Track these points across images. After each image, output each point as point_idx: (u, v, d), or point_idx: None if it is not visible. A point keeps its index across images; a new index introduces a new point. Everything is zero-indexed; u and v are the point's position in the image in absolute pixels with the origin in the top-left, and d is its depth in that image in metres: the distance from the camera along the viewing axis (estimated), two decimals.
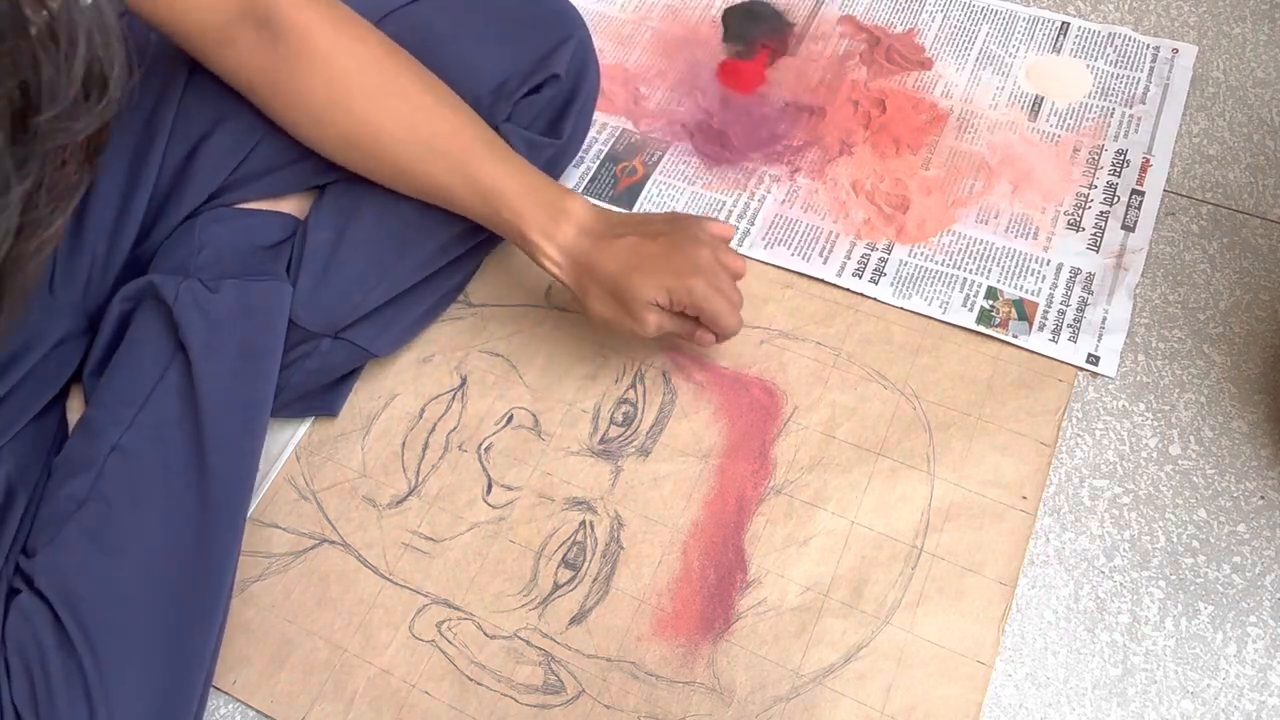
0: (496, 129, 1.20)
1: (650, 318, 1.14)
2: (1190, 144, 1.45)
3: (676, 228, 1.15)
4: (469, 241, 1.27)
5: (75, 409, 1.16)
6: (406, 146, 1.12)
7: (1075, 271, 1.33)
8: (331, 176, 1.19)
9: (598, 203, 1.40)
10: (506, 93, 1.22)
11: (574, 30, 1.29)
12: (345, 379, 1.30)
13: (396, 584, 1.17)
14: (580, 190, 1.47)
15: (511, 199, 1.13)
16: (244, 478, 1.09)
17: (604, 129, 1.54)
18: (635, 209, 1.44)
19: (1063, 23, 1.59)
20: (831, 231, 1.39)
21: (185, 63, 1.15)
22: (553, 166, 1.33)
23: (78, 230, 1.15)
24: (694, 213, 1.43)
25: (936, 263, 1.35)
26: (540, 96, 1.25)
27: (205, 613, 1.03)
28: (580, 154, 1.49)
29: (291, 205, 1.22)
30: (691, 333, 1.17)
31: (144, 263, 1.18)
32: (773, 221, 1.41)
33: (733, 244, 1.38)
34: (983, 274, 1.34)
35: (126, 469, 1.04)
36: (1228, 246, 1.34)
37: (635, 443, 1.23)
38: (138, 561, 1.01)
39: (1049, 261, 1.34)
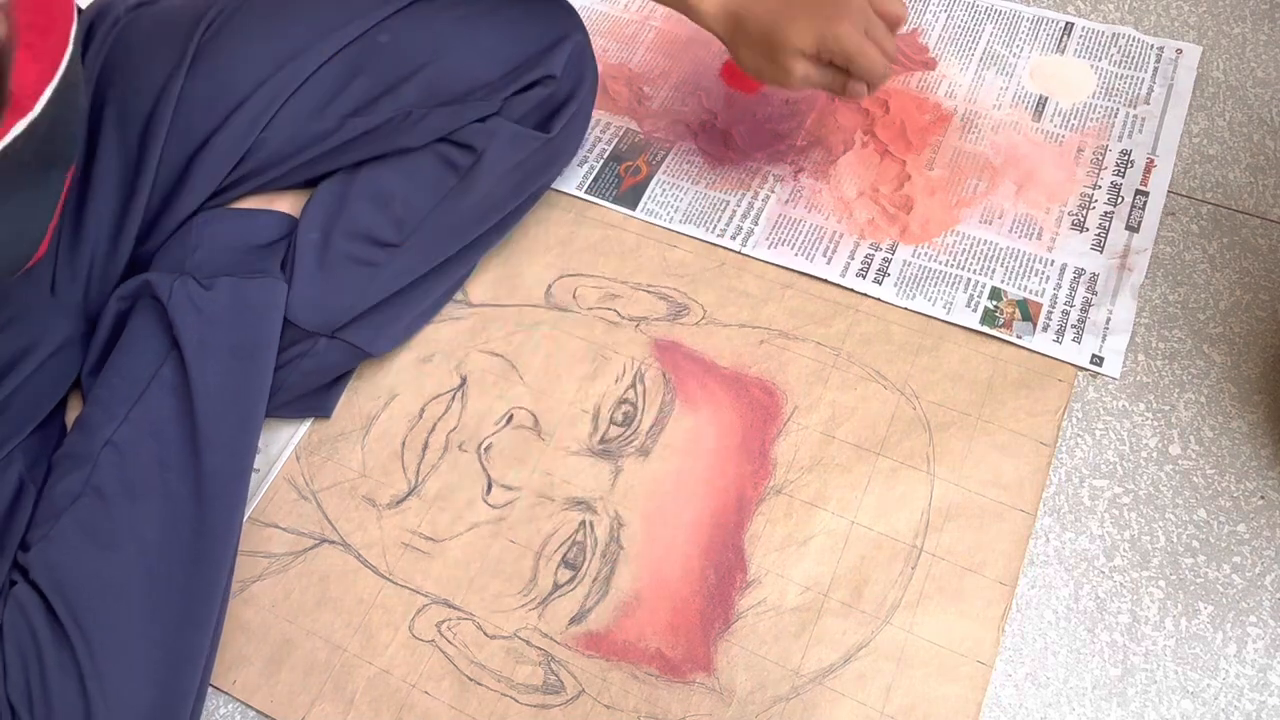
0: (486, 121, 1.21)
1: (797, 66, 1.18)
2: (1190, 144, 1.44)
3: None
4: (464, 239, 1.27)
5: (75, 407, 1.17)
6: None
7: (1079, 272, 1.33)
8: (327, 171, 1.19)
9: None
10: (497, 88, 1.22)
11: (571, 31, 1.29)
12: (339, 380, 1.30)
13: (396, 584, 1.17)
14: (583, 190, 1.47)
15: None
16: (239, 475, 1.09)
17: (607, 128, 1.54)
18: (639, 209, 1.44)
19: (1067, 23, 1.59)
20: (835, 231, 1.39)
21: (182, 66, 1.15)
22: (543, 166, 1.34)
23: (78, 232, 1.15)
24: (698, 214, 1.42)
25: (940, 263, 1.35)
26: (533, 93, 1.25)
27: (202, 608, 1.04)
28: (584, 153, 1.49)
29: (286, 204, 1.22)
30: (842, 85, 1.21)
31: (144, 264, 1.19)
32: (776, 221, 1.41)
33: (735, 244, 1.39)
34: (987, 274, 1.34)
35: (120, 464, 1.04)
36: (1228, 246, 1.34)
37: (635, 443, 1.23)
38: (132, 555, 1.01)
39: (1053, 262, 1.34)
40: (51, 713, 0.94)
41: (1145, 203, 1.38)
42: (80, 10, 1.15)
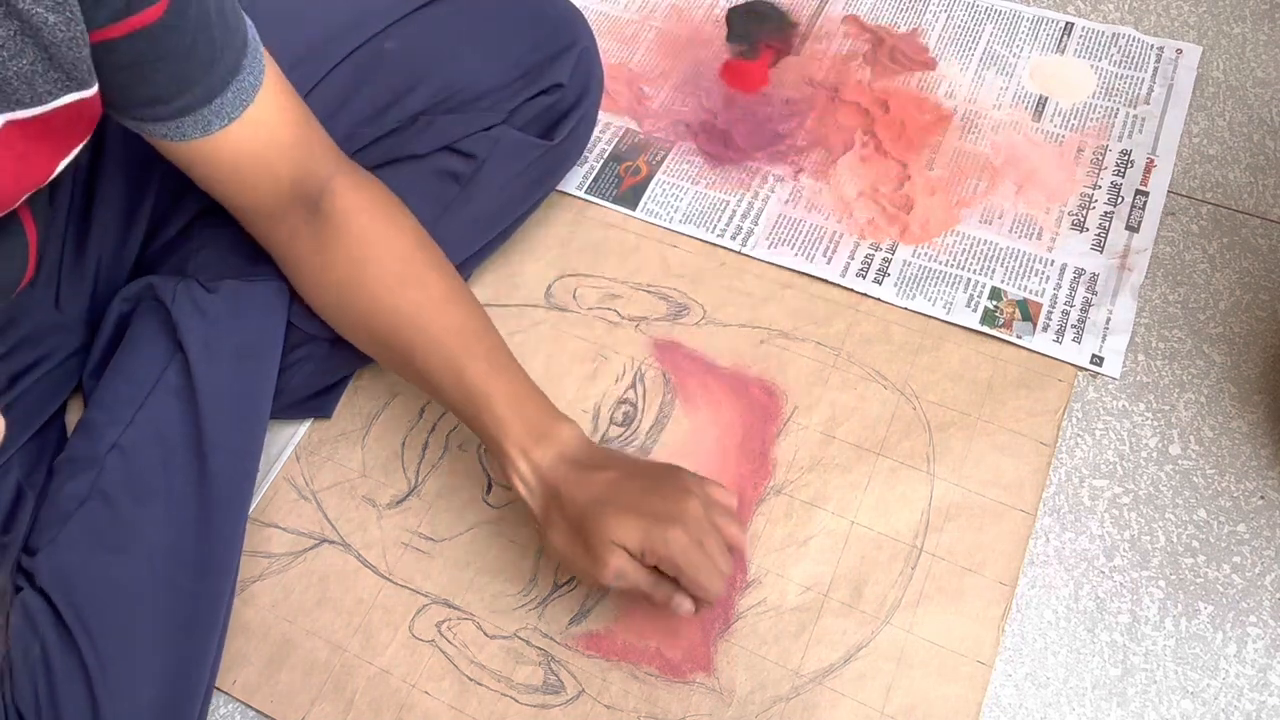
0: (490, 130, 1.21)
1: (613, 560, 0.99)
2: (1190, 144, 1.44)
3: (668, 474, 1.05)
4: (469, 248, 1.27)
5: (75, 411, 1.17)
6: (409, 334, 1.08)
7: (1079, 272, 1.33)
8: None
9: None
10: (504, 96, 1.22)
11: (578, 38, 1.28)
12: (340, 381, 1.30)
13: (396, 584, 1.17)
14: (583, 190, 1.47)
15: (496, 405, 1.05)
16: (244, 477, 1.09)
17: (608, 128, 1.54)
18: (639, 209, 1.44)
19: (1067, 23, 1.59)
20: (835, 231, 1.39)
21: None
22: (547, 173, 1.33)
23: (82, 245, 1.15)
24: (698, 214, 1.43)
25: (940, 263, 1.35)
26: (540, 101, 1.25)
27: (208, 611, 1.03)
28: (584, 154, 1.49)
29: None
30: (666, 596, 1.01)
31: (147, 268, 1.19)
32: (776, 221, 1.41)
33: (735, 244, 1.39)
34: (987, 274, 1.34)
35: (126, 467, 1.04)
36: (1228, 246, 1.34)
37: (635, 443, 1.23)
38: (139, 559, 1.01)
39: (1053, 262, 1.34)
40: (59, 717, 0.94)
41: (1145, 203, 1.38)
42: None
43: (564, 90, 1.26)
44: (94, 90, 0.86)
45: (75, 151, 0.91)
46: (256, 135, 1.00)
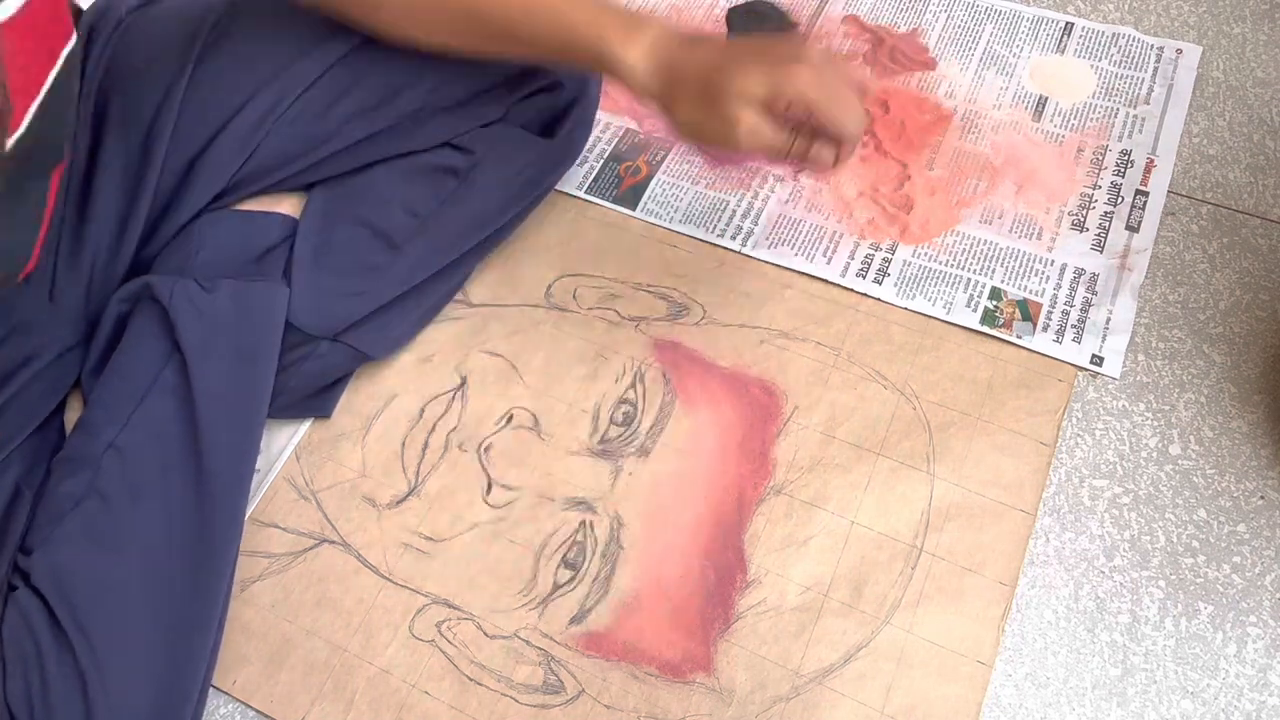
0: (488, 127, 1.21)
1: (745, 116, 0.98)
2: (1190, 144, 1.44)
3: (779, 36, 1.08)
4: (466, 244, 1.27)
5: (75, 409, 1.17)
6: None
7: (1079, 272, 1.33)
8: (329, 174, 1.19)
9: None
10: (502, 94, 1.22)
11: None
12: (339, 381, 1.30)
13: (396, 584, 1.17)
14: (583, 190, 1.47)
15: (584, 16, 1.04)
16: (241, 478, 1.09)
17: (608, 128, 1.54)
18: (639, 209, 1.44)
19: (1067, 23, 1.59)
20: (835, 231, 1.39)
21: (184, 70, 1.15)
22: (545, 171, 1.34)
23: (79, 238, 1.15)
24: (698, 214, 1.43)
25: (940, 263, 1.35)
26: (538, 99, 1.25)
27: (204, 611, 1.03)
28: (584, 153, 1.49)
29: (289, 206, 1.22)
30: (804, 148, 1.01)
31: (146, 267, 1.19)
32: (776, 221, 1.41)
33: (735, 244, 1.39)
34: (987, 274, 1.34)
35: (123, 467, 1.04)
36: (1228, 246, 1.34)
37: (635, 443, 1.23)
38: (135, 559, 1.01)
39: (1053, 262, 1.34)
40: (52, 717, 0.94)
41: (1145, 203, 1.38)
42: (81, 11, 1.15)
43: (562, 88, 1.27)
44: None
45: (46, 86, 0.91)
46: None
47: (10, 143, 0.88)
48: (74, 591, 0.98)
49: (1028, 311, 1.30)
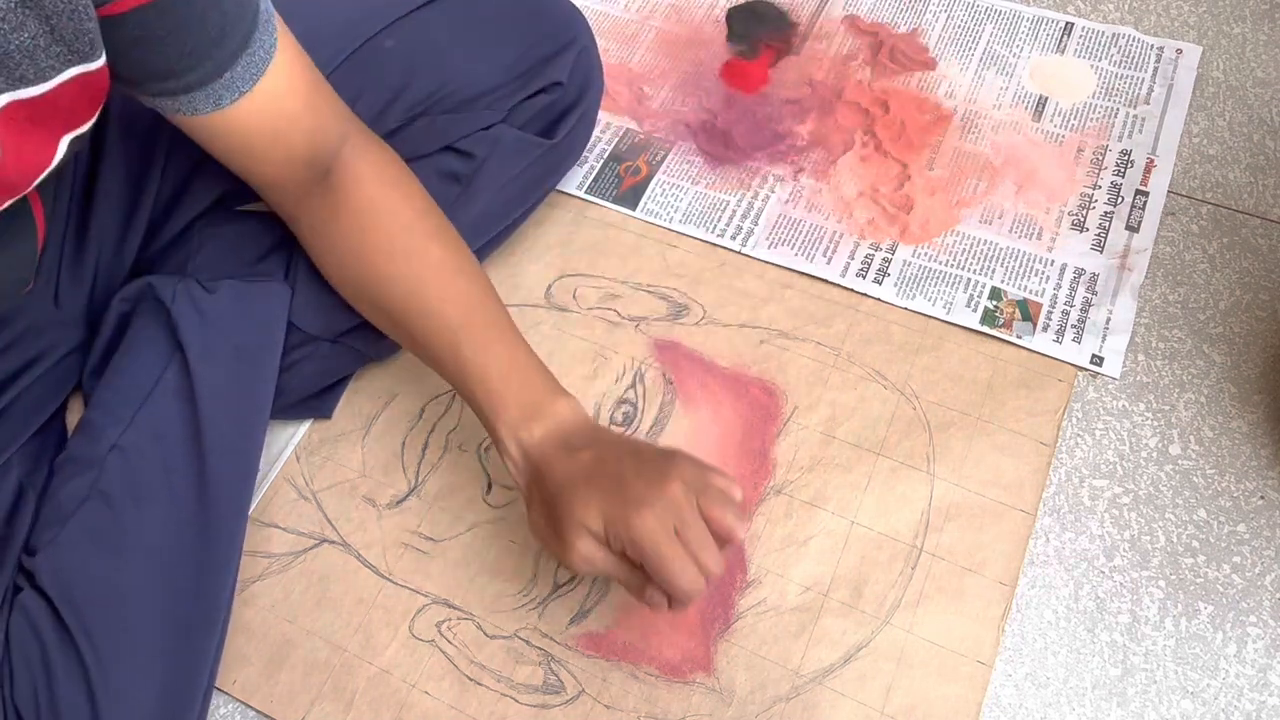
0: (490, 129, 1.20)
1: (579, 545, 0.94)
2: (1190, 144, 1.45)
3: (658, 457, 0.98)
4: (469, 247, 1.27)
5: (76, 410, 1.17)
6: (408, 304, 1.07)
7: (1079, 272, 1.33)
8: None
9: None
10: (503, 95, 1.22)
11: (577, 36, 1.28)
12: (340, 381, 1.30)
13: (396, 584, 1.17)
14: (583, 190, 1.47)
15: (491, 380, 1.03)
16: (244, 478, 1.09)
17: (608, 128, 1.54)
18: (638, 209, 1.44)
19: (1067, 23, 1.59)
20: (835, 231, 1.39)
21: None
22: (547, 172, 1.33)
23: (82, 243, 1.15)
24: (698, 214, 1.43)
25: (940, 263, 1.35)
26: (539, 99, 1.25)
27: (208, 611, 1.03)
28: (584, 153, 1.49)
29: None
30: (637, 588, 0.96)
31: (147, 268, 1.19)
32: (776, 221, 1.41)
33: (735, 244, 1.39)
34: (987, 274, 1.34)
35: (126, 468, 1.04)
36: (1228, 246, 1.34)
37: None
38: (139, 560, 1.01)
39: (1053, 262, 1.34)
40: (58, 718, 0.94)
41: (1145, 203, 1.38)
42: None
43: (563, 89, 1.26)
44: (101, 63, 0.85)
45: (81, 129, 0.91)
46: (267, 108, 1.00)
47: (9, 204, 0.89)
48: (78, 593, 0.98)
49: (1028, 311, 1.30)
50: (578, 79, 1.29)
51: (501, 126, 1.22)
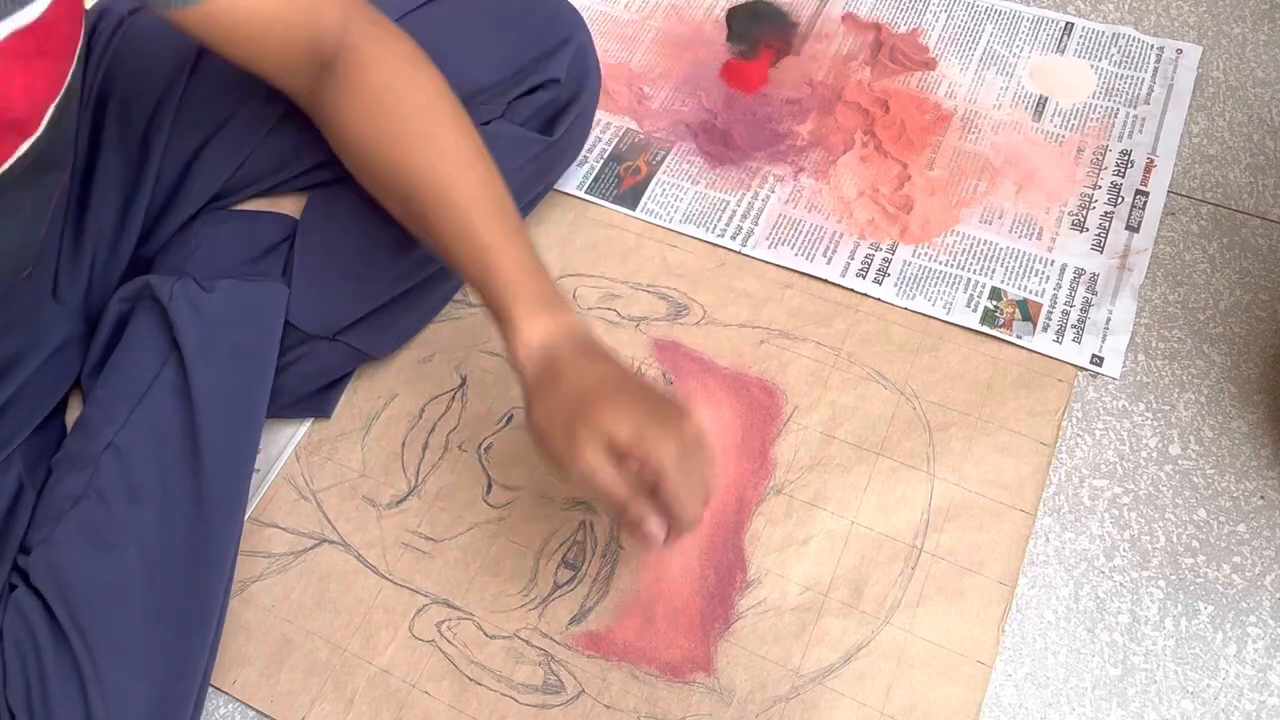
0: (488, 124, 1.20)
1: (590, 453, 0.91)
2: (1190, 144, 1.44)
3: (670, 396, 1.00)
4: None
5: (75, 408, 1.17)
6: (424, 191, 1.05)
7: (1079, 272, 1.33)
8: (328, 176, 1.19)
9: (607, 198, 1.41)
10: (499, 92, 1.22)
11: (573, 33, 1.28)
12: (339, 381, 1.30)
13: (396, 584, 1.17)
14: (583, 190, 1.47)
15: (507, 268, 1.01)
16: (240, 477, 1.09)
17: (608, 128, 1.54)
18: (639, 208, 1.44)
19: (1067, 23, 1.59)
20: (835, 231, 1.39)
21: (182, 70, 1.15)
22: (545, 169, 1.33)
23: (79, 234, 1.15)
24: (698, 214, 1.43)
25: (940, 263, 1.35)
26: (537, 96, 1.25)
27: (202, 610, 1.03)
28: (584, 153, 1.49)
29: (289, 205, 1.22)
30: (638, 514, 0.93)
31: (146, 266, 1.19)
32: (776, 221, 1.41)
33: (735, 244, 1.39)
34: (987, 274, 1.34)
35: (121, 466, 1.04)
36: (1228, 246, 1.34)
37: None
38: (133, 558, 1.01)
39: (1053, 262, 1.34)
40: (51, 717, 0.94)
41: (1145, 203, 1.38)
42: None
43: (560, 86, 1.26)
44: None
45: (64, 88, 0.91)
46: None
47: (25, 147, 0.89)
48: (72, 591, 0.98)
49: (1028, 311, 1.30)
50: (575, 75, 1.29)
51: (500, 122, 1.22)
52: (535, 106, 1.25)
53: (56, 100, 0.90)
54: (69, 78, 0.91)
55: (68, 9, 0.87)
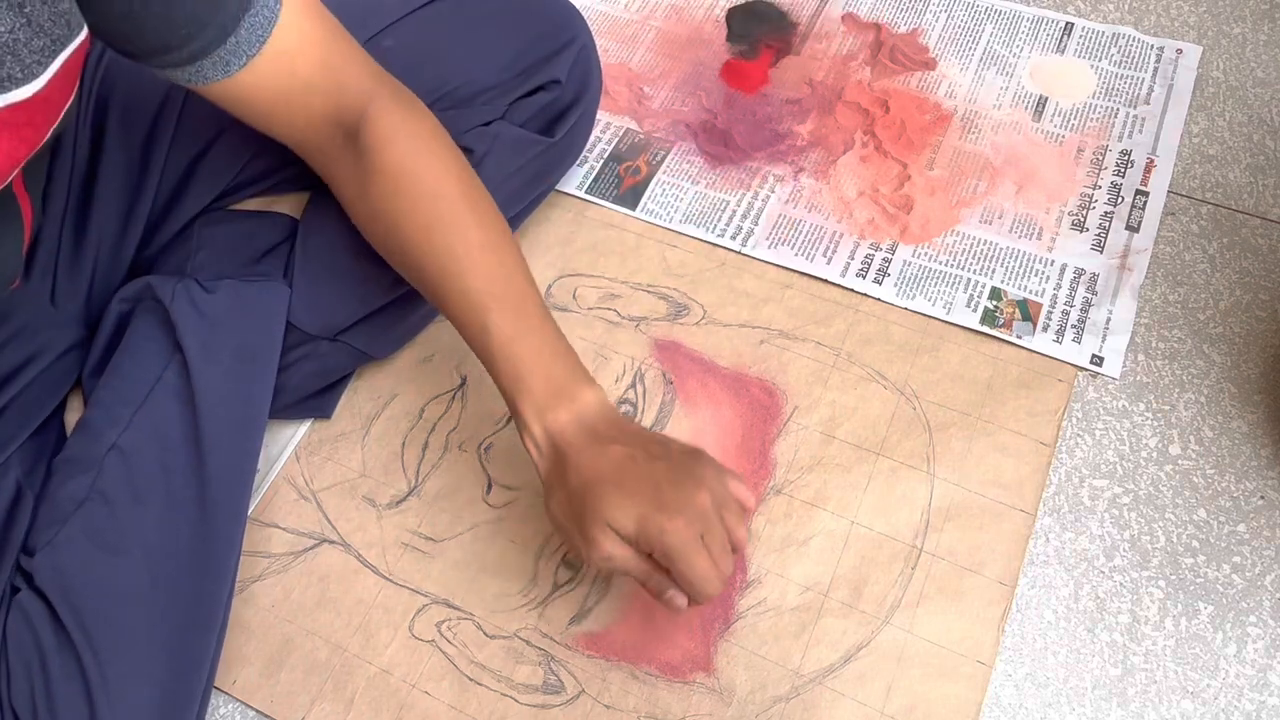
0: (489, 125, 1.20)
1: (604, 543, 0.94)
2: (1190, 144, 1.44)
3: (686, 458, 0.99)
4: None
5: (75, 410, 1.17)
6: (440, 279, 1.05)
7: (1079, 272, 1.33)
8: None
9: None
10: (501, 93, 1.22)
11: (576, 35, 1.28)
12: (339, 381, 1.30)
13: (396, 584, 1.17)
14: (583, 190, 1.47)
15: (518, 362, 1.01)
16: (243, 478, 1.09)
17: (608, 129, 1.54)
18: (639, 209, 1.44)
19: (1067, 23, 1.59)
20: (835, 231, 1.39)
21: None
22: (545, 170, 1.33)
23: (80, 242, 1.15)
24: (698, 214, 1.43)
25: (940, 263, 1.35)
26: (539, 97, 1.25)
27: (206, 612, 1.03)
28: (584, 153, 1.49)
29: (288, 205, 1.22)
30: (659, 589, 0.97)
31: (145, 269, 1.19)
32: (776, 221, 1.41)
33: (735, 244, 1.39)
34: (987, 274, 1.34)
35: (125, 468, 1.04)
36: (1228, 246, 1.34)
37: None
38: (138, 560, 1.01)
39: (1053, 262, 1.34)
40: (56, 718, 0.94)
41: (1145, 203, 1.38)
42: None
43: (562, 87, 1.26)
44: (82, 35, 0.85)
45: (43, 143, 0.91)
46: (279, 69, 0.99)
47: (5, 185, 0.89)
48: (77, 594, 0.98)
49: (1028, 311, 1.30)
50: (576, 77, 1.28)
51: (501, 123, 1.22)
52: (537, 108, 1.25)
53: (29, 157, 0.90)
54: (49, 134, 0.91)
55: (65, 80, 0.87)
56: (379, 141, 1.04)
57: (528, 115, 1.25)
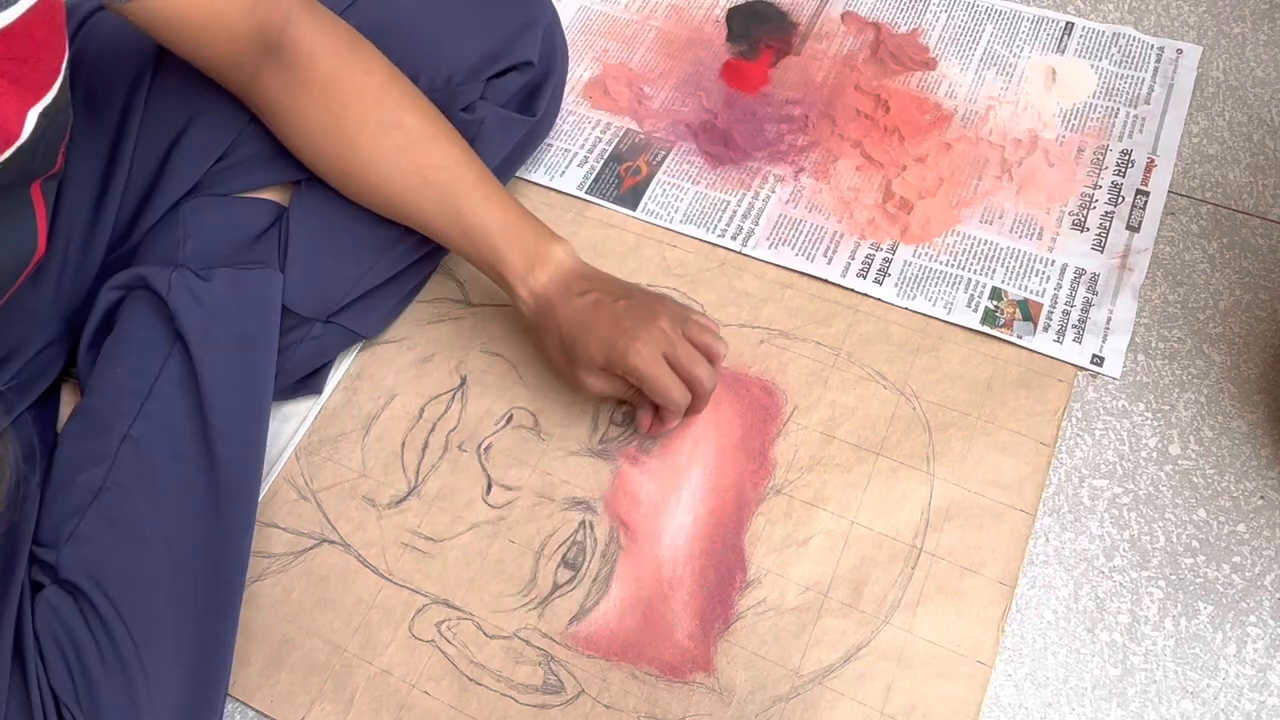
0: (471, 107, 1.22)
1: (588, 379, 1.16)
2: (1190, 144, 1.44)
3: (647, 296, 1.17)
4: None
5: (69, 402, 1.16)
6: (397, 177, 1.13)
7: (1080, 272, 1.33)
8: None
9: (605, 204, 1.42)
10: (475, 74, 1.24)
11: (541, 15, 1.32)
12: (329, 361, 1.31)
13: (396, 584, 1.17)
14: (583, 190, 1.47)
15: (494, 238, 1.15)
16: (252, 465, 1.10)
17: (608, 129, 1.54)
18: (639, 209, 1.44)
19: (1067, 23, 1.59)
20: (836, 231, 1.39)
21: (149, 63, 1.15)
22: (527, 146, 1.39)
23: (51, 231, 1.15)
24: (698, 214, 1.43)
25: (941, 263, 1.35)
26: (512, 79, 1.28)
27: (226, 597, 1.05)
28: (584, 153, 1.49)
29: (274, 191, 1.22)
30: (642, 400, 1.19)
31: (128, 259, 1.19)
32: (777, 221, 1.41)
33: (735, 244, 1.39)
34: (987, 274, 1.33)
35: (139, 459, 1.04)
36: (1228, 246, 1.34)
37: (634, 442, 1.23)
38: (158, 548, 1.02)
39: (1053, 262, 1.34)
40: (98, 705, 0.95)
41: (1145, 203, 1.38)
42: None
43: (534, 68, 1.29)
44: None
45: (48, 97, 0.91)
46: None
47: (7, 154, 0.89)
48: (107, 582, 0.99)
49: (1028, 311, 1.30)
50: (545, 54, 1.33)
51: (485, 104, 1.24)
52: (513, 89, 1.28)
53: (40, 108, 0.90)
54: (54, 89, 0.91)
55: (44, 18, 0.87)
56: (306, 56, 1.09)
57: (505, 97, 1.28)
